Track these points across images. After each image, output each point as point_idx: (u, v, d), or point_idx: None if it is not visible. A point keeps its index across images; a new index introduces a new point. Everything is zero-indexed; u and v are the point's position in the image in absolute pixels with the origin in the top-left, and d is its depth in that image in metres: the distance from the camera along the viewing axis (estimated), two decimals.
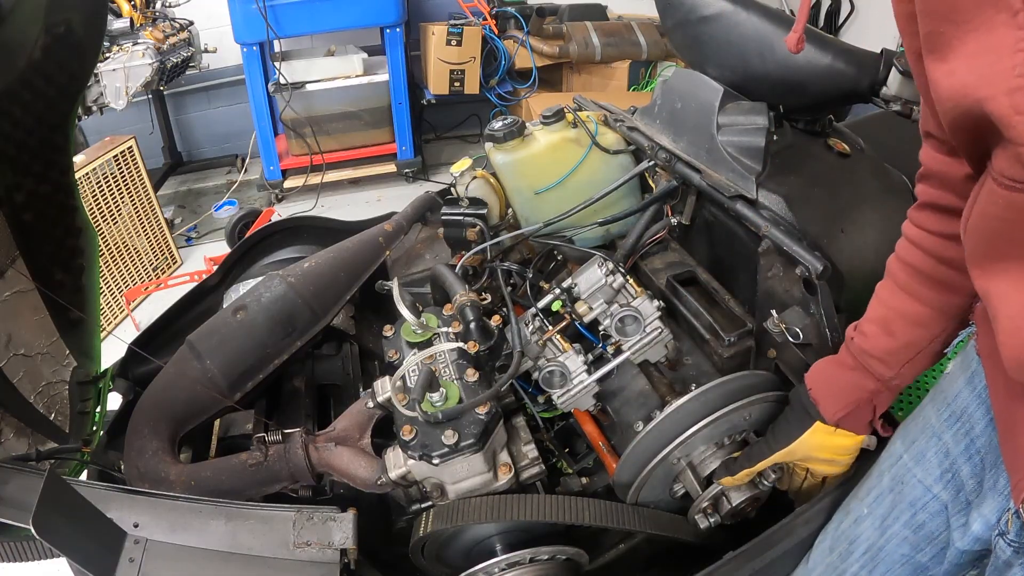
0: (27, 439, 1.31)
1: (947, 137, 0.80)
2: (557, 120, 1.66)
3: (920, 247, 0.96)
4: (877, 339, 1.02)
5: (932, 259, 0.94)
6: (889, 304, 1.01)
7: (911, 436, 1.01)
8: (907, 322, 1.00)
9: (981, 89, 0.61)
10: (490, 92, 4.44)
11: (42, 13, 1.16)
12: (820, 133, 1.56)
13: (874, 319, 1.04)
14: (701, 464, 1.20)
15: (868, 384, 1.05)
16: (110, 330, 3.18)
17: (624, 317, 1.32)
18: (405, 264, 1.80)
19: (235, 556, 1.04)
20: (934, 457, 0.95)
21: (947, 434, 0.94)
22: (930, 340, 1.00)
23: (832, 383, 1.10)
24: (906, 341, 1.01)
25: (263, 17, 3.61)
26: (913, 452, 0.99)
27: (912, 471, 0.98)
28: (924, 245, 0.95)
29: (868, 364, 1.04)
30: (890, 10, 0.77)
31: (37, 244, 1.34)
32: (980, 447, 0.90)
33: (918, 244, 0.96)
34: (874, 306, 1.05)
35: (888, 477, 1.02)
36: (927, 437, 0.97)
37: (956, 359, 0.99)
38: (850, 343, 1.07)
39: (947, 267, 0.93)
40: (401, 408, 1.19)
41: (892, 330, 1.01)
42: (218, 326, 1.42)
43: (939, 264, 0.94)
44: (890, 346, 1.02)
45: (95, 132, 3.94)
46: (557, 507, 1.14)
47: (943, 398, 0.97)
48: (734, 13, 1.45)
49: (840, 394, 1.08)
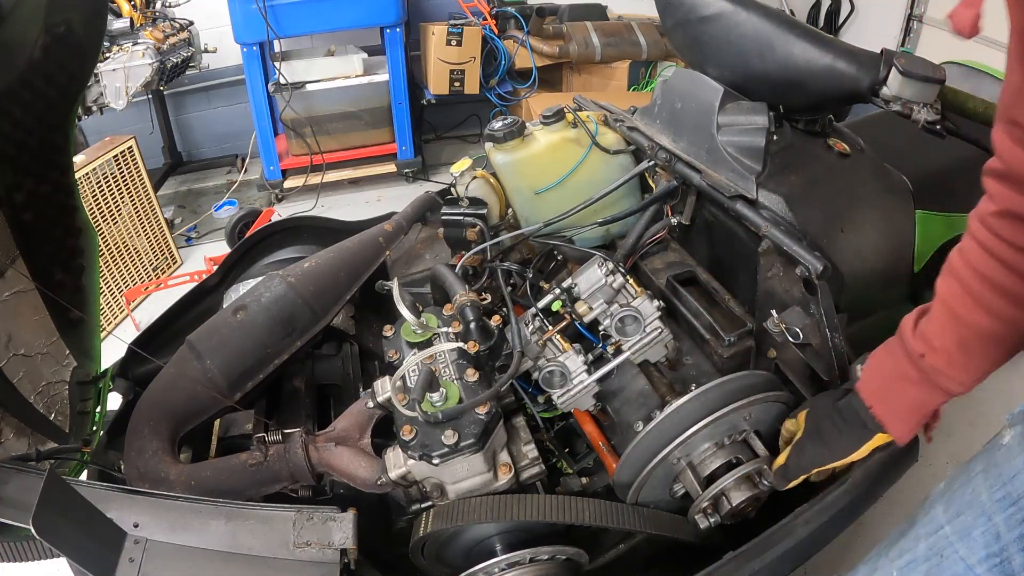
0: (27, 439, 1.31)
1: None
2: (557, 120, 1.66)
3: (1000, 260, 0.84)
4: (952, 358, 0.94)
5: (1015, 276, 0.84)
6: (965, 321, 0.91)
7: (956, 507, 0.92)
8: (989, 342, 0.91)
9: None
10: (490, 92, 4.44)
11: (42, 13, 1.16)
12: (820, 133, 1.56)
13: (947, 335, 0.94)
14: (701, 464, 1.20)
15: (937, 399, 0.99)
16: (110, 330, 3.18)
17: (624, 317, 1.32)
18: (405, 264, 1.80)
19: (235, 556, 1.04)
20: (981, 537, 0.87)
21: (999, 516, 0.86)
22: (1009, 356, 0.92)
23: (899, 401, 1.02)
24: (986, 360, 0.93)
25: (263, 17, 3.61)
26: (957, 525, 0.90)
27: (954, 545, 0.90)
28: (1005, 258, 0.84)
29: (939, 382, 0.97)
30: (890, 10, 0.75)
31: (37, 244, 1.33)
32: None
33: (997, 256, 0.85)
34: (944, 320, 0.94)
35: (924, 545, 0.94)
36: (975, 514, 0.89)
37: (1016, 431, 0.91)
38: (920, 360, 0.97)
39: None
40: (401, 408, 1.19)
41: (971, 350, 0.92)
42: (218, 326, 1.42)
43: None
44: (966, 364, 0.93)
45: (95, 132, 3.94)
46: (557, 507, 1.14)
47: (997, 473, 0.88)
48: (734, 13, 1.45)
49: (910, 413, 1.01)
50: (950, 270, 0.92)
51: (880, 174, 1.55)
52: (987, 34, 0.85)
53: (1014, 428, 0.89)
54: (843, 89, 1.36)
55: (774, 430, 1.25)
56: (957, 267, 0.91)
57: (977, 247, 0.87)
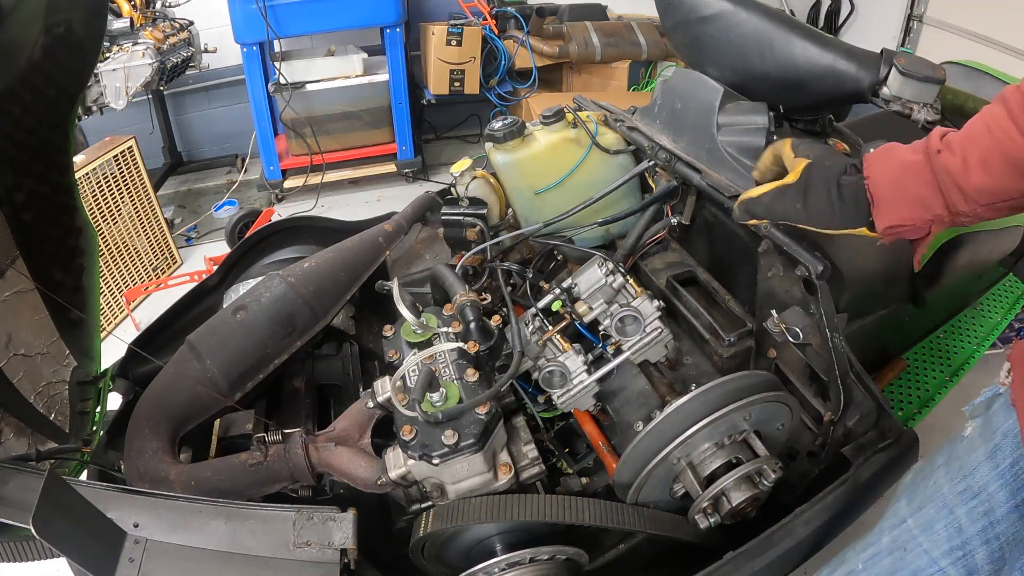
0: (27, 439, 1.31)
1: None
2: (557, 120, 1.66)
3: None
4: (967, 168, 0.87)
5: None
6: (995, 134, 0.85)
7: (918, 500, 0.91)
8: (1009, 164, 0.85)
9: None
10: (490, 92, 4.44)
11: (42, 13, 1.16)
12: (820, 133, 1.56)
13: (974, 144, 0.88)
14: (701, 464, 1.19)
15: (935, 207, 0.92)
16: (110, 330, 3.18)
17: (624, 317, 1.32)
18: (405, 264, 1.80)
19: (235, 556, 1.04)
20: (943, 530, 0.87)
21: (961, 509, 0.86)
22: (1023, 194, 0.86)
23: (898, 188, 0.95)
24: (1000, 184, 0.86)
25: (263, 17, 3.61)
26: (920, 519, 0.90)
27: (917, 539, 0.90)
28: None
29: (947, 189, 0.90)
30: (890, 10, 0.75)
31: (37, 244, 1.33)
32: (1000, 533, 0.83)
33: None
34: (978, 127, 0.89)
35: (888, 538, 0.94)
36: (937, 507, 0.89)
37: (976, 423, 0.90)
38: (935, 157, 0.91)
39: None
40: (401, 408, 1.19)
41: (989, 165, 0.86)
42: (218, 326, 1.42)
43: None
44: (979, 182, 0.87)
45: (95, 132, 3.94)
46: (557, 507, 1.14)
47: (959, 467, 0.88)
48: (734, 13, 1.45)
49: (902, 205, 0.95)
50: (1000, 97, 0.87)
51: None
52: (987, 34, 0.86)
53: (975, 420, 0.89)
54: (843, 89, 1.36)
55: (774, 430, 1.25)
56: (1008, 93, 0.86)
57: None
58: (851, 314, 1.40)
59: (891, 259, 1.49)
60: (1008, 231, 1.89)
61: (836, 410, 1.23)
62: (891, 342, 1.85)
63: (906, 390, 1.81)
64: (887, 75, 1.29)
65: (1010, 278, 2.18)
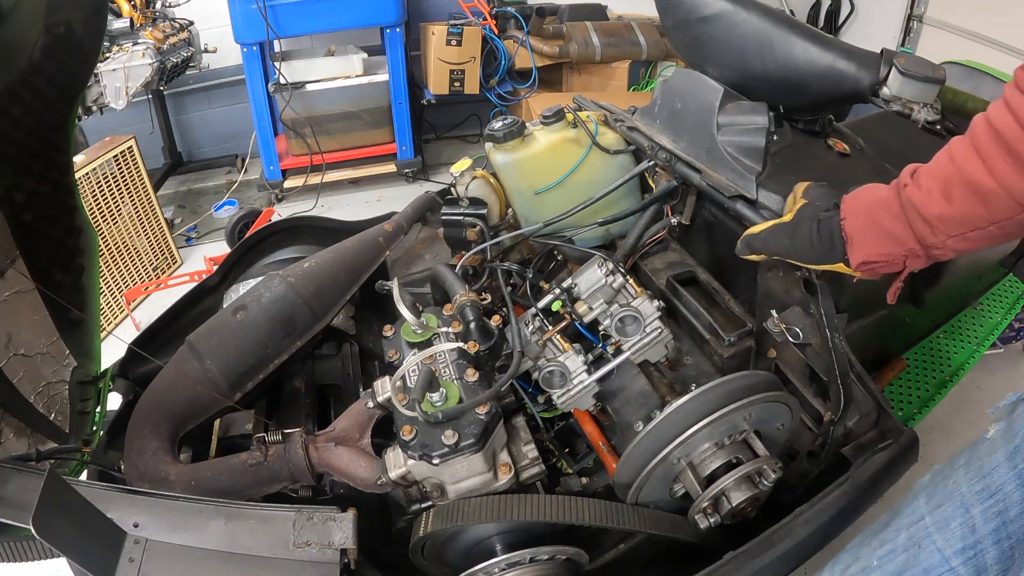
0: (27, 439, 1.31)
1: None
2: (557, 120, 1.66)
3: (1016, 115, 0.80)
4: (933, 198, 0.89)
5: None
6: (958, 163, 0.87)
7: (937, 498, 0.92)
8: (969, 192, 0.86)
9: None
10: (490, 92, 4.44)
11: (42, 13, 1.16)
12: (820, 133, 1.56)
13: (937, 175, 0.90)
14: (701, 464, 1.19)
15: (908, 242, 0.95)
16: (110, 330, 3.18)
17: (624, 317, 1.32)
18: (405, 264, 1.80)
19: (235, 556, 1.04)
20: (958, 529, 0.88)
21: (976, 508, 0.87)
22: (989, 222, 0.87)
23: (870, 225, 0.99)
24: (962, 213, 0.88)
25: (263, 17, 3.61)
26: (937, 517, 0.91)
27: (932, 536, 0.90)
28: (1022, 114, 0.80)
29: (914, 222, 0.93)
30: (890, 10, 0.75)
31: (37, 244, 1.33)
32: (1012, 532, 0.83)
33: (1015, 111, 0.80)
34: (942, 159, 0.91)
35: (905, 535, 0.94)
36: (955, 505, 0.89)
37: (999, 426, 0.90)
38: (902, 190, 0.95)
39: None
40: (401, 408, 1.19)
41: (951, 194, 0.88)
42: (218, 326, 1.42)
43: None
44: (944, 212, 0.89)
45: (95, 132, 3.94)
46: (557, 507, 1.14)
47: (978, 467, 0.89)
48: (734, 13, 1.45)
49: (874, 241, 0.98)
50: (969, 128, 0.89)
51: (880, 174, 1.55)
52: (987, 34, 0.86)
53: (999, 423, 0.89)
54: (843, 89, 1.36)
55: (774, 430, 1.25)
56: (975, 121, 0.87)
57: (1001, 103, 0.83)
58: (851, 314, 1.40)
59: None
60: None
61: (836, 410, 1.23)
62: (891, 342, 1.85)
63: (906, 390, 1.81)
64: (887, 75, 1.29)
65: (1010, 278, 2.18)
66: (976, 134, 0.86)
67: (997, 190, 0.83)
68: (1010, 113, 0.81)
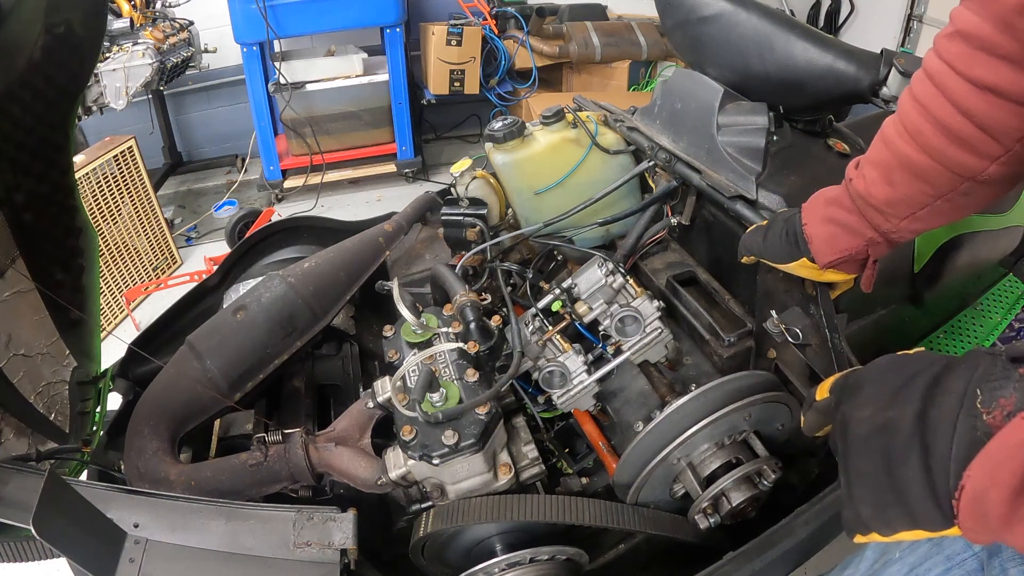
0: (27, 439, 1.31)
1: None
2: (557, 120, 1.66)
3: (944, 91, 0.76)
4: (876, 186, 0.90)
5: (957, 111, 0.76)
6: (891, 146, 0.86)
7: None
8: (909, 173, 0.85)
9: None
10: (490, 92, 4.44)
11: (42, 13, 1.16)
12: (820, 133, 1.56)
13: (876, 161, 0.90)
14: (701, 464, 1.19)
15: (865, 232, 0.96)
16: (110, 330, 3.18)
17: (624, 317, 1.32)
18: (405, 264, 1.80)
19: (235, 556, 1.03)
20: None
21: None
22: (935, 198, 0.86)
23: (826, 224, 1.00)
24: (906, 194, 0.87)
25: (263, 17, 3.61)
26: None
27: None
28: (950, 90, 0.75)
29: (865, 211, 0.94)
30: (890, 10, 0.75)
31: (37, 244, 1.33)
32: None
33: (942, 87, 0.76)
34: (878, 146, 0.90)
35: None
36: None
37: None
38: (848, 184, 0.95)
39: (974, 125, 0.75)
40: (401, 408, 1.19)
41: (892, 179, 0.87)
42: (218, 326, 1.42)
43: (964, 119, 0.75)
44: (889, 196, 0.89)
45: (95, 132, 3.95)
46: (557, 507, 1.14)
47: None
48: (734, 13, 1.45)
49: (834, 239, 0.99)
50: (897, 106, 0.87)
51: None
52: None
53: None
54: (843, 89, 1.36)
55: (774, 430, 1.25)
56: (902, 98, 0.86)
57: (921, 73, 0.80)
58: (851, 314, 1.40)
59: (891, 259, 1.49)
60: (1008, 231, 1.89)
61: None
62: (891, 342, 1.85)
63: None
64: (887, 75, 1.29)
65: (1010, 278, 2.18)
66: (904, 112, 0.83)
67: (934, 166, 0.82)
68: (933, 84, 0.77)
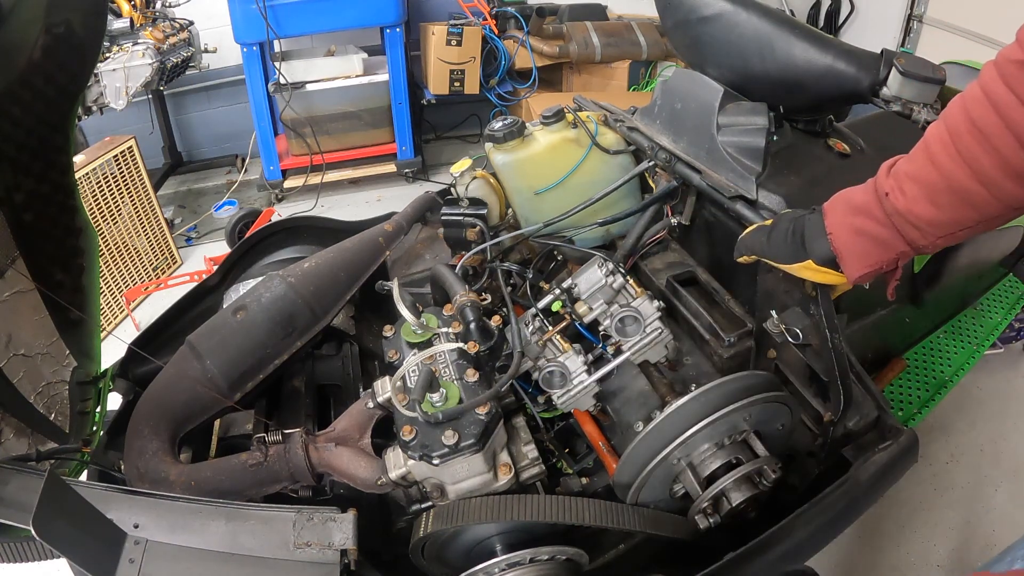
0: (27, 439, 1.31)
1: None
2: (557, 120, 1.66)
3: (1010, 124, 0.73)
4: (918, 204, 0.85)
5: (1012, 136, 0.73)
6: (943, 171, 0.82)
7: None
8: (958, 199, 0.82)
9: None
10: (490, 92, 4.44)
11: (42, 13, 1.16)
12: (820, 133, 1.56)
13: (919, 179, 0.85)
14: (701, 464, 1.19)
15: (898, 246, 0.92)
16: (110, 330, 3.18)
17: (624, 317, 1.32)
18: (405, 264, 1.80)
19: (235, 557, 1.03)
20: None
21: None
22: (978, 222, 0.84)
23: (856, 236, 0.96)
24: (952, 218, 0.84)
25: (263, 17, 3.61)
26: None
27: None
28: (1018, 124, 0.73)
29: (902, 228, 0.90)
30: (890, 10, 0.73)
31: (37, 244, 1.33)
32: None
33: (1008, 119, 0.73)
34: (923, 162, 0.85)
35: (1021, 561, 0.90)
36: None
37: None
38: (884, 200, 0.90)
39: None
40: (401, 408, 1.19)
41: (938, 201, 0.84)
42: (218, 326, 1.42)
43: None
44: (933, 217, 0.85)
45: (95, 132, 3.94)
46: (557, 507, 1.14)
47: None
48: (734, 13, 1.45)
49: (867, 254, 0.95)
50: (945, 114, 0.84)
51: None
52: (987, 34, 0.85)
53: None
54: (843, 89, 1.36)
55: (774, 430, 1.25)
56: (952, 112, 0.82)
57: (981, 95, 0.76)
58: (851, 314, 1.40)
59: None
60: (1008, 231, 1.89)
61: (836, 410, 1.23)
62: (891, 342, 1.85)
63: (906, 390, 1.81)
64: (887, 75, 1.29)
65: (1010, 278, 2.18)
66: (957, 133, 0.80)
67: (987, 196, 0.80)
68: (997, 114, 0.75)
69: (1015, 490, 2.16)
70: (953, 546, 2.01)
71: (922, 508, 2.11)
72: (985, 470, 2.22)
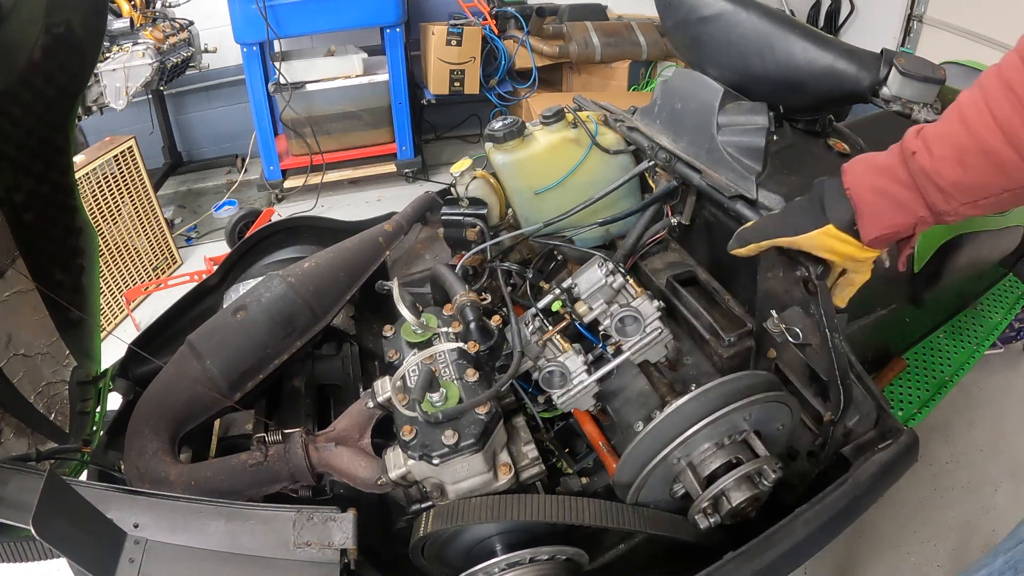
0: (27, 439, 1.31)
1: None
2: (557, 120, 1.66)
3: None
4: (945, 164, 0.84)
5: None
6: (975, 132, 0.81)
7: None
8: (988, 162, 0.81)
9: None
10: (490, 92, 4.44)
11: (42, 13, 1.16)
12: (820, 133, 1.56)
13: (950, 140, 0.84)
14: (701, 464, 1.19)
15: (918, 210, 0.90)
16: (110, 330, 3.18)
17: (624, 317, 1.32)
18: (405, 264, 1.80)
19: (235, 557, 1.04)
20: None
21: None
22: (1005, 189, 0.82)
23: (876, 195, 0.94)
24: (978, 181, 0.83)
25: (263, 17, 3.61)
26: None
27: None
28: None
29: (925, 189, 0.88)
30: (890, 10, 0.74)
31: (37, 244, 1.33)
32: None
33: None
34: (954, 123, 0.84)
35: (1002, 560, 0.93)
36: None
37: None
38: (911, 159, 0.89)
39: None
40: (401, 408, 1.19)
41: (966, 163, 0.82)
42: (218, 326, 1.42)
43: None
44: (959, 179, 0.84)
45: (95, 132, 3.94)
46: (557, 507, 1.14)
47: None
48: (734, 13, 1.45)
49: (884, 214, 0.93)
50: (979, 81, 0.83)
51: None
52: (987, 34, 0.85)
53: None
54: (843, 89, 1.36)
55: (774, 430, 1.25)
56: (988, 78, 0.81)
57: (1018, 61, 0.76)
58: (851, 314, 1.40)
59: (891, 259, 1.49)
60: (1008, 231, 1.89)
61: (836, 410, 1.23)
62: (891, 342, 1.85)
63: (906, 390, 1.81)
64: (887, 75, 1.29)
65: (1010, 278, 2.18)
66: (994, 97, 0.79)
67: (1017, 160, 0.79)
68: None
69: (1015, 490, 2.16)
70: (953, 546, 2.01)
71: (922, 508, 2.11)
72: (985, 470, 2.22)
